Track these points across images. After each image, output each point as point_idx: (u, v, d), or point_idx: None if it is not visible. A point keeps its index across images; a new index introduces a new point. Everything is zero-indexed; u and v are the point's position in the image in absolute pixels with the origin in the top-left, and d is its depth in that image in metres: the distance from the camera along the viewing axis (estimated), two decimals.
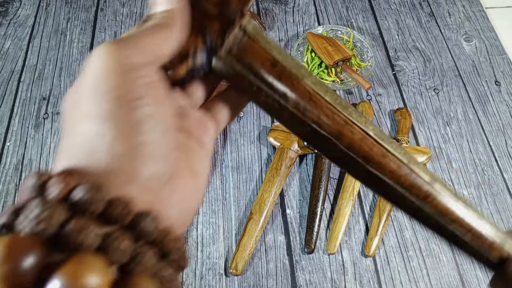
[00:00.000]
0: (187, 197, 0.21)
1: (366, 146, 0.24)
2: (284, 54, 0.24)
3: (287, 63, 0.24)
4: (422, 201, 0.25)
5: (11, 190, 0.63)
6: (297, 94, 0.23)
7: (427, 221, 0.26)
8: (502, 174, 0.67)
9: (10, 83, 0.75)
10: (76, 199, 0.15)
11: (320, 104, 0.24)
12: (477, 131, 0.72)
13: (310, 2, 0.89)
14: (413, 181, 0.24)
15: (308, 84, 0.23)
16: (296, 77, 0.23)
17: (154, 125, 0.18)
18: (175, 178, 0.20)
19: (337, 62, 0.74)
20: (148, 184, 0.18)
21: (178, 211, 0.20)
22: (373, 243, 0.59)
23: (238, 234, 0.60)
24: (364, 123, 0.24)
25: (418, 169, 0.25)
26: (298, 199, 0.64)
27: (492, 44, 0.83)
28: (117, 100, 0.18)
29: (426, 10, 0.88)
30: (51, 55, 0.79)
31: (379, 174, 0.24)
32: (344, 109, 0.24)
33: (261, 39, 0.24)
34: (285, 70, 0.23)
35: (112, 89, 0.18)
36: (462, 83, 0.77)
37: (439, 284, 0.58)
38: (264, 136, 0.69)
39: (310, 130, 0.24)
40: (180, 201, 0.20)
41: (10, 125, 0.70)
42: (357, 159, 0.24)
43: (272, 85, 0.23)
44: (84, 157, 0.17)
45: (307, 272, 0.58)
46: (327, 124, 0.24)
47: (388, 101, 0.75)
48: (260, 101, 0.24)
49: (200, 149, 0.24)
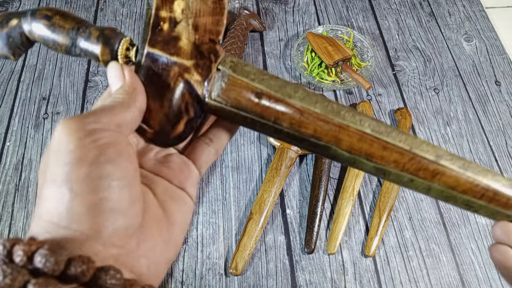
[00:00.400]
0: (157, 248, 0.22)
1: (366, 144, 0.25)
2: (267, 79, 0.25)
3: (270, 87, 0.25)
4: (430, 180, 0.25)
5: (11, 190, 0.63)
6: (288, 115, 0.24)
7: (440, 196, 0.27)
8: (502, 174, 0.67)
9: (10, 83, 0.75)
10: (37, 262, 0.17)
11: (312, 118, 0.24)
12: (477, 131, 0.72)
13: (310, 1, 0.89)
14: (418, 165, 0.25)
15: (296, 103, 0.24)
16: (283, 100, 0.24)
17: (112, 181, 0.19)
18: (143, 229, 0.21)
19: (337, 62, 0.74)
20: (112, 239, 0.19)
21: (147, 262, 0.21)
22: (373, 243, 0.59)
23: (238, 234, 0.60)
24: (359, 122, 0.25)
25: (421, 152, 0.25)
26: (298, 199, 0.64)
27: (492, 44, 0.83)
28: (74, 163, 0.19)
29: (426, 10, 0.88)
30: (51, 55, 0.79)
31: (384, 166, 0.25)
32: (336, 115, 0.25)
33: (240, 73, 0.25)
34: (270, 97, 0.24)
35: (69, 153, 0.19)
36: (462, 83, 0.77)
37: (439, 284, 0.58)
38: (264, 136, 0.69)
39: (310, 143, 0.25)
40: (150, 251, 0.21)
41: (10, 125, 0.70)
42: (360, 159, 0.25)
43: (262, 115, 0.25)
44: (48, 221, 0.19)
45: (307, 272, 0.58)
46: (324, 135, 0.25)
47: (388, 101, 0.75)
48: (257, 129, 0.26)
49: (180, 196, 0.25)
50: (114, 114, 0.21)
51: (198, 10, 0.24)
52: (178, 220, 0.24)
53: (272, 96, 0.24)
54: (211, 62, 0.25)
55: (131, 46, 0.26)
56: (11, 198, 0.63)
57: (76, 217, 0.19)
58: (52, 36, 0.26)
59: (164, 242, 0.22)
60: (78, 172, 0.19)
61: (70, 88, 0.75)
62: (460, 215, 0.63)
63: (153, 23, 0.24)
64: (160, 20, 0.24)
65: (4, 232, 0.60)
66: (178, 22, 0.24)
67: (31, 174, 0.65)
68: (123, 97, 0.22)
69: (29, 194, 0.63)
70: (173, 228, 0.23)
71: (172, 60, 0.24)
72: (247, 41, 0.81)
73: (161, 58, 0.24)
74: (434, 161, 0.25)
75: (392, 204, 0.62)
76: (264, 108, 0.24)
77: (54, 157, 0.19)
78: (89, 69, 0.77)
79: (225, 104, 0.25)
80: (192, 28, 0.24)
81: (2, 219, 0.61)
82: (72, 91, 0.74)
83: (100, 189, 0.19)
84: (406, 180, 0.26)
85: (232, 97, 0.25)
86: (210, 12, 0.25)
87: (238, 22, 0.79)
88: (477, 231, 0.62)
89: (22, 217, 0.61)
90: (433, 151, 0.26)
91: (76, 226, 0.19)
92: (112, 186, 0.19)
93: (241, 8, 0.82)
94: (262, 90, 0.25)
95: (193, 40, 0.24)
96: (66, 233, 0.19)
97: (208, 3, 0.25)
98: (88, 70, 0.77)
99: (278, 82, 0.25)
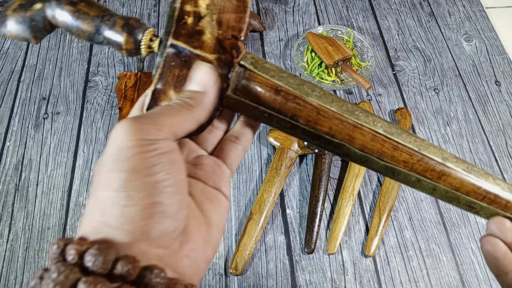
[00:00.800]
0: (198, 248, 0.23)
1: (378, 143, 0.26)
2: (285, 77, 0.26)
3: (289, 85, 0.25)
4: (437, 181, 0.27)
5: (11, 190, 0.63)
6: (305, 112, 0.25)
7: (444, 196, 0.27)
8: (502, 174, 0.67)
9: (10, 83, 0.75)
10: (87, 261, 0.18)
11: (328, 116, 0.25)
12: (477, 131, 0.72)
13: (310, 1, 0.89)
14: (426, 165, 0.26)
15: (313, 100, 0.25)
16: (301, 97, 0.25)
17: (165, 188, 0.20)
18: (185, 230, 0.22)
19: (337, 62, 0.74)
20: (158, 240, 0.20)
21: (189, 262, 0.22)
22: (373, 243, 0.59)
23: (238, 234, 0.60)
24: (372, 122, 0.26)
25: (429, 153, 0.26)
26: (298, 199, 0.64)
27: (492, 44, 0.83)
28: (131, 171, 0.20)
29: (426, 10, 0.88)
30: (51, 55, 0.79)
31: (394, 165, 0.26)
32: (351, 115, 0.26)
33: (261, 69, 0.25)
34: (289, 93, 0.25)
35: (127, 160, 0.20)
36: (462, 83, 0.77)
37: (439, 284, 0.58)
38: (264, 136, 0.69)
39: (324, 140, 0.26)
40: (191, 252, 0.22)
41: (10, 125, 0.70)
42: (372, 157, 0.26)
43: (280, 110, 0.25)
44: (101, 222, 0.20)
45: (307, 272, 0.58)
46: (339, 132, 0.25)
47: (388, 101, 0.75)
48: (273, 124, 0.26)
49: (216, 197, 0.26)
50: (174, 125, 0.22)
51: (222, 7, 0.25)
52: (215, 220, 0.25)
53: (291, 93, 0.25)
54: (233, 57, 0.25)
55: (154, 37, 0.26)
56: (11, 198, 0.63)
57: (129, 219, 0.20)
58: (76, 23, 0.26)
59: (204, 242, 0.23)
60: (136, 179, 0.20)
61: (70, 88, 0.75)
62: (460, 215, 0.63)
63: (177, 16, 0.25)
64: (184, 14, 0.25)
65: (4, 232, 0.60)
66: (202, 17, 0.25)
67: (31, 174, 0.65)
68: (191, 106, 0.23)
69: (29, 194, 0.63)
70: (211, 228, 0.24)
71: (195, 52, 0.25)
72: (247, 41, 0.81)
73: (184, 50, 0.25)
74: (441, 162, 0.26)
75: (392, 204, 0.62)
76: (282, 104, 0.25)
77: (113, 162, 0.20)
78: (89, 69, 0.77)
79: (245, 98, 0.25)
80: (216, 24, 0.25)
81: (2, 219, 0.61)
82: (72, 91, 0.74)
83: (154, 195, 0.20)
84: (414, 180, 0.27)
85: (252, 91, 0.25)
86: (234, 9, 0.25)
87: None
88: (477, 231, 0.62)
89: (22, 217, 0.61)
90: (440, 153, 0.27)
91: (126, 227, 0.20)
92: (165, 192, 0.20)
93: None
94: (282, 87, 0.25)
95: (216, 35, 0.25)
96: (117, 233, 0.20)
97: (232, 1, 0.25)
98: (88, 70, 0.77)
99: (297, 80, 0.26)
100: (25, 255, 0.58)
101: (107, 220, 0.20)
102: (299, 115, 0.25)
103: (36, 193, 0.63)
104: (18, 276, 0.57)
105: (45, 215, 0.61)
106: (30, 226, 0.60)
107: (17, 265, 0.57)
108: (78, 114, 0.72)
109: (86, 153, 0.67)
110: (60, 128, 0.70)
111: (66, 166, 0.66)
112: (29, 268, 0.57)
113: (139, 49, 0.26)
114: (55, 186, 0.64)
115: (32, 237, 0.60)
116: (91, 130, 0.70)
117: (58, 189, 0.64)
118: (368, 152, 0.26)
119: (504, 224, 0.27)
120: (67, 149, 0.68)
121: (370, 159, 0.26)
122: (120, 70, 0.77)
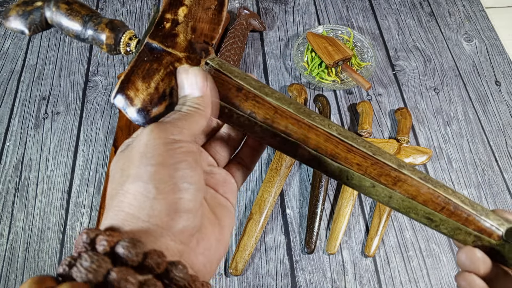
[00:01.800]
0: (212, 247, 0.24)
1: (332, 144, 0.27)
2: (248, 79, 0.28)
3: (251, 85, 0.27)
4: (392, 187, 0.26)
5: (11, 190, 0.63)
6: (263, 110, 0.27)
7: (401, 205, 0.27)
8: (502, 174, 0.67)
9: (10, 83, 0.75)
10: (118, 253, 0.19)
11: (285, 115, 0.27)
12: (477, 131, 0.72)
13: (310, 1, 0.89)
14: (380, 170, 0.26)
15: (272, 101, 0.27)
16: (260, 96, 0.27)
17: (189, 185, 0.22)
18: (201, 229, 0.24)
19: (337, 62, 0.74)
20: (180, 236, 0.22)
21: (204, 260, 0.23)
22: (373, 243, 0.59)
23: (238, 234, 0.60)
24: (327, 125, 0.27)
25: (384, 159, 0.26)
26: (298, 199, 0.64)
27: (492, 44, 0.83)
28: (159, 165, 0.22)
29: (427, 10, 0.88)
30: (51, 55, 0.79)
31: (348, 167, 0.27)
32: (307, 116, 0.27)
33: (226, 70, 0.28)
34: (250, 92, 0.27)
35: (156, 156, 0.22)
36: (462, 83, 0.77)
37: (439, 284, 0.58)
38: None
39: (280, 139, 0.27)
40: (206, 250, 0.24)
41: (10, 125, 0.70)
42: (325, 158, 0.27)
43: (240, 106, 0.27)
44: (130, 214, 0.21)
45: (307, 272, 0.58)
46: (294, 132, 0.27)
47: (389, 101, 0.75)
48: (233, 120, 0.28)
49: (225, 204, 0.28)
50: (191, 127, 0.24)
51: (198, 17, 0.28)
52: (226, 223, 0.26)
53: (252, 92, 0.27)
54: (201, 57, 0.27)
55: (134, 37, 0.29)
56: (11, 198, 0.63)
57: (156, 212, 0.21)
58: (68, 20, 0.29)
59: (217, 242, 0.25)
60: (163, 172, 0.21)
61: (70, 88, 0.75)
62: None
63: (157, 21, 0.28)
64: (164, 20, 0.28)
65: (4, 232, 0.60)
66: (179, 23, 0.28)
67: (31, 174, 0.65)
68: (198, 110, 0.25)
69: (29, 194, 0.63)
70: (223, 230, 0.26)
71: (167, 50, 0.27)
72: (247, 41, 0.81)
73: (157, 48, 0.27)
74: (396, 168, 0.26)
75: None
76: (242, 101, 0.27)
77: (141, 157, 0.22)
78: (89, 69, 0.77)
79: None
80: (190, 29, 0.28)
81: (2, 219, 0.61)
82: (72, 91, 0.74)
83: (178, 190, 0.22)
84: (368, 185, 0.27)
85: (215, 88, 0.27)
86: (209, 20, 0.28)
87: (238, 22, 0.79)
88: None
89: (22, 217, 0.61)
90: (395, 161, 0.27)
91: (154, 221, 0.21)
92: (188, 188, 0.22)
93: (241, 8, 0.82)
94: (243, 86, 0.27)
95: (189, 38, 0.28)
96: (145, 226, 0.21)
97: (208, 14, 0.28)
98: (88, 70, 0.77)
99: (259, 83, 0.28)
100: (25, 255, 0.58)
101: (136, 213, 0.21)
102: (258, 112, 0.27)
103: (36, 193, 0.63)
104: (18, 276, 0.57)
105: (45, 215, 0.61)
106: (30, 226, 0.60)
107: (17, 265, 0.57)
108: (78, 114, 0.71)
109: (86, 153, 0.67)
110: (60, 128, 0.70)
111: (66, 166, 0.66)
112: (29, 268, 0.57)
113: (119, 45, 0.29)
114: (55, 186, 0.64)
115: (32, 237, 0.60)
116: (91, 130, 0.70)
117: (58, 189, 0.64)
118: (322, 153, 0.27)
119: (475, 255, 0.26)
120: (67, 149, 0.68)
121: (323, 160, 0.27)
122: (120, 70, 0.77)
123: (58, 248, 0.59)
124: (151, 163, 0.22)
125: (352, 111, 0.73)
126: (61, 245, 0.59)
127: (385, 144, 0.66)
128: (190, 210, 0.22)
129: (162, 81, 0.27)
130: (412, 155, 0.66)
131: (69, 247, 0.59)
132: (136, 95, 0.27)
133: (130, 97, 0.27)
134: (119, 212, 0.21)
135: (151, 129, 0.23)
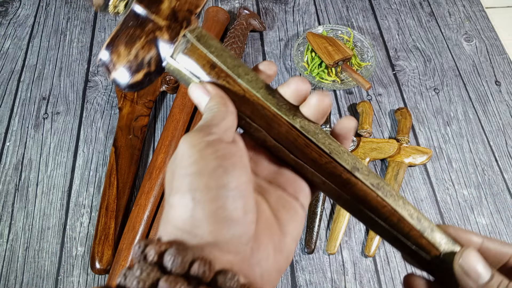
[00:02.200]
0: (269, 257, 0.23)
1: (291, 137, 0.27)
2: (224, 56, 0.27)
3: (225, 64, 0.27)
4: (341, 188, 0.27)
5: (11, 190, 0.63)
6: (232, 91, 0.27)
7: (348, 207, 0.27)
8: (502, 174, 0.67)
9: (10, 83, 0.75)
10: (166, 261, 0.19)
11: (253, 99, 0.27)
12: (477, 131, 0.72)
13: (310, 1, 0.89)
14: (332, 170, 0.26)
15: (242, 83, 0.27)
16: (232, 77, 0.27)
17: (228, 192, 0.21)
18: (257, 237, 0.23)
19: (337, 62, 0.74)
20: (228, 245, 0.21)
21: (261, 270, 0.22)
22: (373, 243, 0.59)
23: None
24: (292, 116, 0.27)
25: (340, 159, 0.26)
26: None
27: (492, 44, 0.83)
28: (195, 173, 0.21)
29: (427, 10, 0.88)
30: (51, 55, 0.79)
31: (303, 162, 0.27)
32: (274, 105, 0.27)
33: (203, 44, 0.27)
34: (222, 71, 0.27)
35: (191, 165, 0.21)
36: (462, 83, 0.77)
37: None
38: None
39: (244, 122, 0.27)
40: (263, 260, 0.22)
41: (10, 125, 0.70)
42: (283, 149, 0.27)
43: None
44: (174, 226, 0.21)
45: (307, 272, 0.58)
46: (259, 118, 0.27)
47: (389, 101, 0.75)
48: None
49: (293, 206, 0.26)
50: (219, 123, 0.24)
51: None
52: (290, 230, 0.25)
53: (224, 71, 0.27)
54: (181, 27, 0.27)
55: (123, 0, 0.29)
56: (11, 198, 0.63)
57: (197, 223, 0.21)
58: None
59: (276, 251, 0.24)
60: (199, 182, 0.21)
61: (70, 88, 0.75)
62: (460, 215, 0.63)
63: None
64: None
65: (4, 232, 0.60)
66: None
67: (31, 174, 0.65)
68: (218, 108, 0.25)
69: (29, 194, 0.63)
70: (285, 238, 0.24)
71: (150, 17, 0.27)
72: (247, 41, 0.81)
73: (142, 13, 0.27)
74: (349, 170, 0.26)
75: None
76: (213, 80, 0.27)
77: (178, 168, 0.22)
78: (89, 69, 0.77)
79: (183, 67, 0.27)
80: None
81: (2, 219, 0.61)
82: (72, 91, 0.74)
83: (217, 199, 0.21)
84: (319, 182, 0.27)
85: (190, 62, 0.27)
86: None
87: (238, 22, 0.79)
88: (477, 231, 0.62)
89: (22, 217, 0.61)
90: (352, 162, 0.26)
91: (197, 232, 0.21)
92: (228, 196, 0.21)
93: (241, 8, 0.82)
94: (216, 64, 0.27)
95: (173, 6, 0.27)
96: (189, 237, 0.21)
97: None
98: (88, 70, 0.77)
99: (235, 61, 0.27)
100: (25, 255, 0.58)
101: (179, 225, 0.21)
102: (226, 93, 0.27)
103: (36, 193, 0.63)
104: (18, 276, 0.57)
105: (45, 215, 0.61)
106: (30, 226, 0.60)
107: (17, 265, 0.57)
108: (78, 114, 0.72)
109: (86, 153, 0.67)
110: (60, 128, 0.70)
111: (66, 166, 0.66)
112: (29, 268, 0.57)
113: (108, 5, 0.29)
114: (55, 186, 0.64)
115: (32, 237, 0.60)
116: (91, 130, 0.70)
117: (58, 189, 0.64)
118: (281, 143, 0.27)
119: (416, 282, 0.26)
120: (67, 149, 0.68)
121: (282, 150, 0.27)
122: None
123: (58, 248, 0.59)
124: (187, 172, 0.21)
125: (352, 111, 0.73)
126: (61, 245, 0.59)
127: (385, 144, 0.66)
128: (233, 218, 0.21)
129: (142, 49, 0.27)
130: (412, 155, 0.66)
131: (69, 247, 0.59)
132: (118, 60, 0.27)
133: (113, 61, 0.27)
134: (167, 225, 0.21)
135: (183, 138, 0.23)
